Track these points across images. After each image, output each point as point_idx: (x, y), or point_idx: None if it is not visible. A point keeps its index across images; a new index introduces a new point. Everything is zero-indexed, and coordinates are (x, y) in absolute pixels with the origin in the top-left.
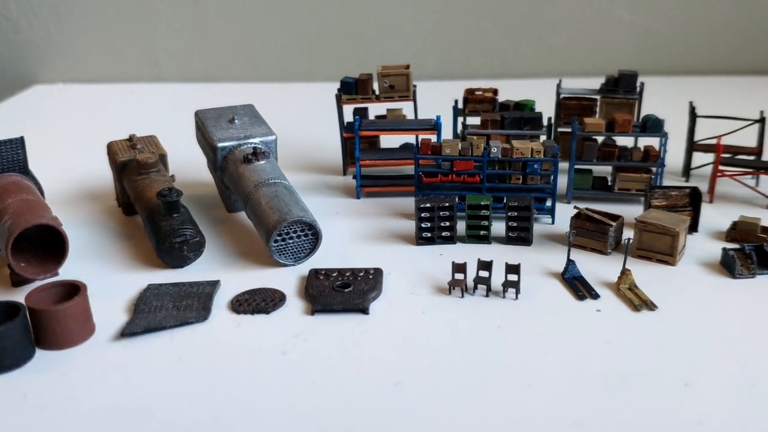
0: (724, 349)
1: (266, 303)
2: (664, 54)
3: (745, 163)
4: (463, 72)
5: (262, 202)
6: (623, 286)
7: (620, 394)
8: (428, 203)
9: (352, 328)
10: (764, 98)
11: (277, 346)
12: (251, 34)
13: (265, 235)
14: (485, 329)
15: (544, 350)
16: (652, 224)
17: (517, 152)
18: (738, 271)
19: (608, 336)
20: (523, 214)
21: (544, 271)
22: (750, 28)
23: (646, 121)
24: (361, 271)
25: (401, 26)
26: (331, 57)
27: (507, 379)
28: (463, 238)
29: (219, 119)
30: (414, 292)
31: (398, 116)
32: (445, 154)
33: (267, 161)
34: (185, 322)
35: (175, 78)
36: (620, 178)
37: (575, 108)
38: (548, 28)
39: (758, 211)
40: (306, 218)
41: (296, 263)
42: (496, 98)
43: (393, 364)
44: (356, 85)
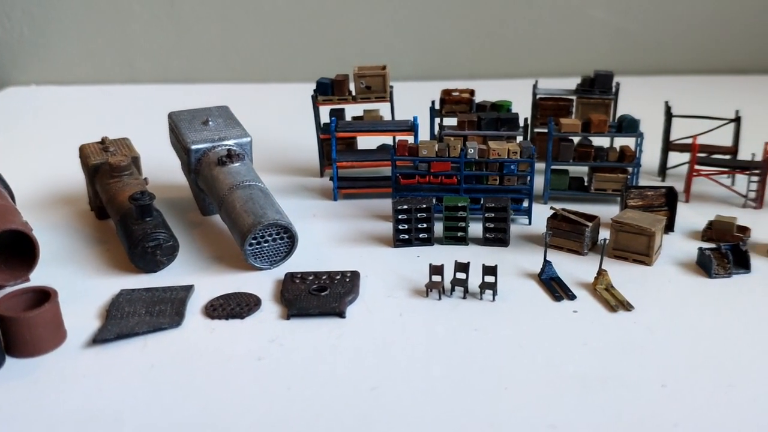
0: (701, 350)
1: (241, 308)
2: (639, 54)
3: (720, 163)
4: (440, 73)
5: (237, 205)
6: (600, 286)
7: (597, 396)
8: (405, 205)
9: (329, 332)
10: (739, 97)
11: (251, 352)
12: (227, 34)
13: (240, 239)
14: (462, 332)
15: (521, 352)
16: (628, 224)
17: (493, 153)
18: (714, 271)
19: (585, 337)
20: (499, 215)
21: (521, 272)
22: (724, 27)
23: (621, 122)
24: (337, 274)
25: (378, 27)
26: (307, 57)
27: (484, 382)
28: (440, 240)
29: (193, 121)
30: (391, 294)
31: (375, 117)
32: (422, 156)
33: (242, 163)
34: (158, 328)
35: (150, 79)
36: (596, 179)
37: (551, 108)
38: (525, 28)
39: (734, 211)
40: (281, 221)
41: (272, 267)
42: (473, 99)
43: (369, 368)
44: (332, 85)
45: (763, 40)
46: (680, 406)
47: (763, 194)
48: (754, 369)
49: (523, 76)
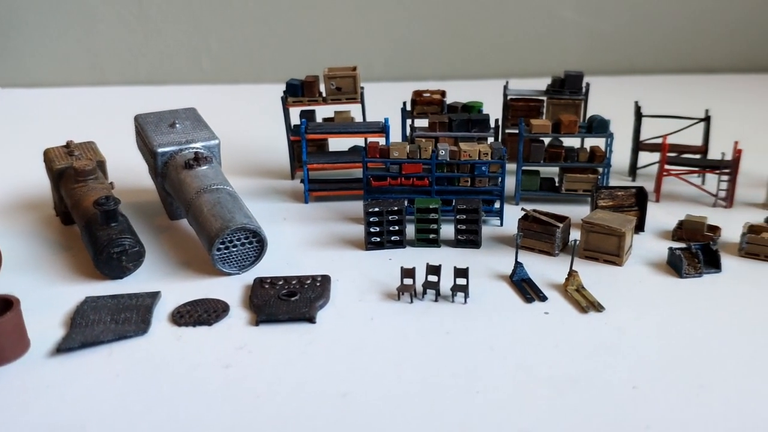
0: (672, 350)
1: (208, 314)
2: (610, 54)
3: (690, 162)
4: (411, 73)
5: (204, 209)
6: (570, 287)
7: (568, 399)
8: (377, 207)
9: (298, 338)
10: (709, 96)
11: (219, 360)
12: (196, 35)
13: (208, 244)
14: (434, 335)
15: (493, 355)
16: (598, 225)
17: (464, 155)
18: (685, 271)
19: (556, 339)
20: (471, 217)
21: (493, 274)
22: (694, 26)
23: (591, 122)
24: (308, 278)
25: (349, 27)
26: (277, 58)
27: (455, 386)
28: (412, 242)
29: (159, 124)
30: (362, 298)
31: (346, 118)
32: (393, 157)
33: (209, 166)
34: (124, 336)
35: (118, 81)
36: (567, 179)
37: (522, 109)
38: (496, 29)
39: (704, 210)
40: (250, 225)
41: (241, 272)
42: (444, 100)
43: (340, 374)
44: (302, 87)
45: (732, 39)
46: (651, 408)
47: (733, 193)
48: (724, 369)
49: (494, 77)
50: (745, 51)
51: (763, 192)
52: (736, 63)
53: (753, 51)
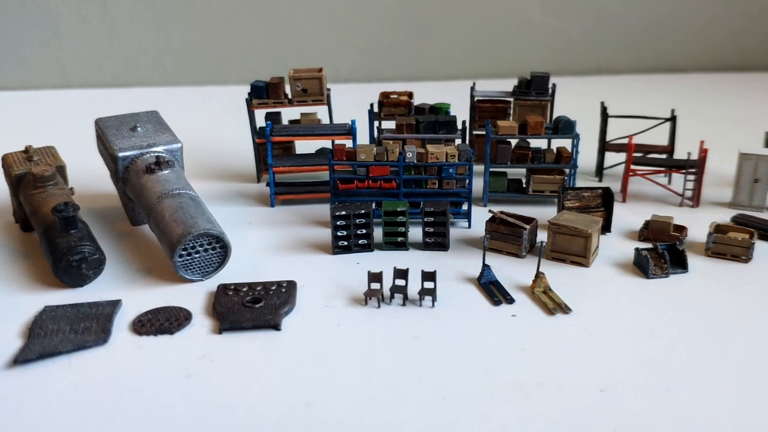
0: (639, 352)
1: (170, 323)
2: (576, 54)
3: (656, 162)
4: (380, 74)
5: (166, 214)
6: (538, 289)
7: (535, 403)
8: (343, 211)
9: (263, 346)
10: (676, 95)
11: (181, 369)
12: (160, 36)
13: (169, 250)
14: (401, 340)
15: (460, 360)
16: (564, 226)
17: (431, 157)
18: (651, 271)
19: (523, 342)
20: (439, 220)
21: (461, 277)
22: (659, 26)
23: (557, 123)
24: (273, 284)
25: (316, 28)
26: (244, 59)
27: (422, 393)
28: (380, 246)
29: (120, 127)
30: (329, 304)
31: (313, 121)
32: (360, 160)
33: (171, 170)
34: (83, 347)
35: (82, 84)
36: (534, 180)
37: (489, 111)
38: (464, 29)
39: (671, 210)
40: (212, 230)
41: (204, 278)
42: (412, 101)
43: (305, 383)
44: (267, 88)
45: (697, 38)
46: (619, 411)
47: (699, 193)
48: (691, 371)
49: (462, 78)
50: (711, 50)
51: (729, 191)
52: (702, 62)
53: (718, 50)
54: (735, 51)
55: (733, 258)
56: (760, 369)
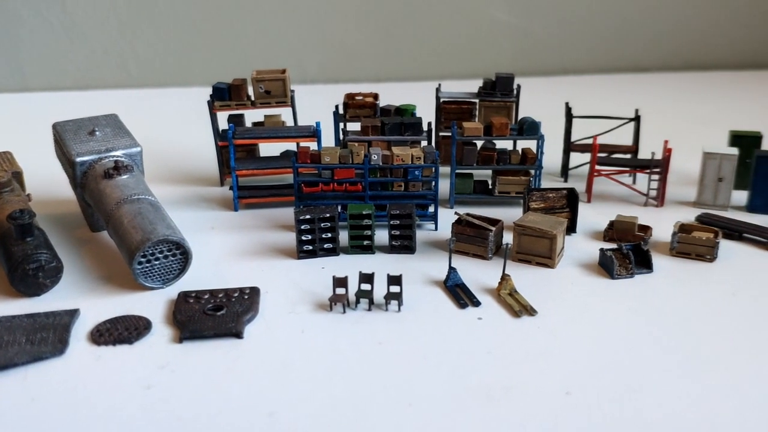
0: (604, 354)
1: (129, 332)
2: (542, 54)
3: (620, 162)
4: (346, 75)
5: (125, 220)
6: (504, 291)
7: (501, 408)
8: (308, 214)
9: (224, 355)
10: (641, 94)
11: (140, 380)
12: (122, 38)
13: (128, 257)
14: (366, 346)
15: (426, 365)
16: (529, 228)
17: (397, 159)
18: (616, 272)
19: (489, 345)
20: (405, 222)
21: (428, 280)
22: (623, 26)
23: (522, 124)
24: (235, 291)
25: (282, 29)
26: (211, 60)
27: (387, 399)
28: (346, 249)
29: (78, 132)
30: (293, 310)
31: (277, 123)
32: (324, 163)
33: (130, 175)
34: (40, 358)
35: (42, 87)
36: (500, 182)
37: (455, 112)
38: (429, 30)
39: (636, 210)
40: (172, 236)
41: (164, 286)
42: (377, 103)
43: (267, 392)
44: (229, 90)
45: (661, 38)
46: (585, 414)
47: (664, 192)
48: (657, 372)
49: (429, 79)
50: (675, 50)
51: (694, 190)
52: (666, 61)
53: (682, 49)
54: (699, 50)
55: (697, 257)
56: (726, 369)
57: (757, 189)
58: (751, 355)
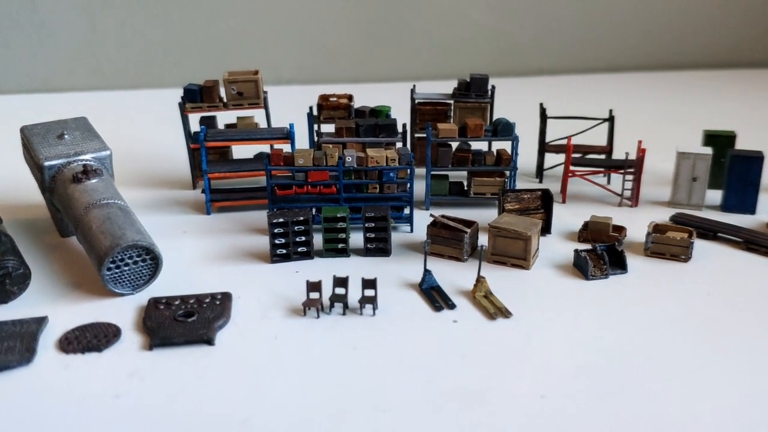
0: (579, 356)
1: (99, 340)
2: (517, 55)
3: (595, 163)
4: (322, 76)
5: (93, 225)
6: (479, 293)
7: (477, 412)
8: (281, 218)
9: (195, 362)
10: (616, 94)
11: (109, 389)
12: (93, 39)
13: (97, 263)
14: (341, 351)
15: (401, 369)
16: (504, 229)
17: (372, 161)
18: (591, 273)
19: (465, 348)
20: (380, 225)
21: (403, 283)
22: (597, 26)
23: (497, 125)
24: (206, 296)
25: (259, 30)
26: (184, 62)
27: (362, 405)
28: (320, 253)
29: (47, 135)
30: (266, 316)
31: (249, 125)
32: (298, 165)
33: (99, 179)
34: (6, 367)
35: (11, 89)
36: (475, 183)
37: (430, 113)
38: (406, 31)
39: (610, 210)
40: (142, 242)
41: (134, 292)
42: (351, 104)
43: (240, 400)
44: (201, 92)
45: (634, 38)
46: (560, 418)
47: (638, 192)
48: (632, 374)
49: (405, 79)
50: (649, 49)
51: (668, 190)
52: (641, 61)
53: (656, 49)
54: (673, 50)
55: (672, 257)
56: (702, 369)
57: (731, 188)
58: (727, 355)
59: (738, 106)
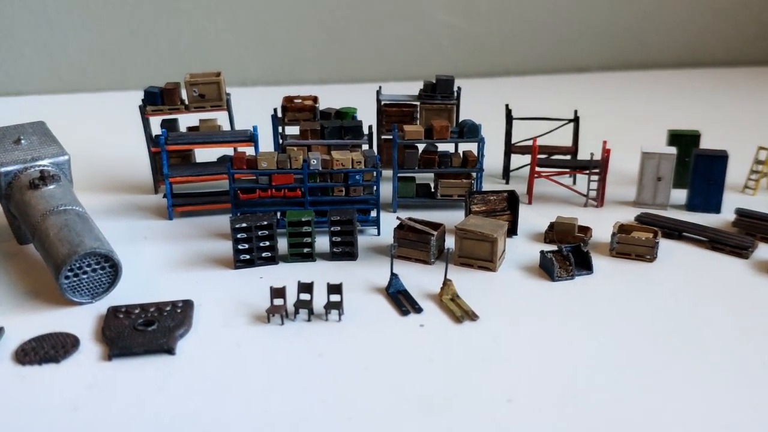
0: (544, 358)
1: (56, 350)
2: (483, 56)
3: (560, 163)
4: (288, 78)
5: (50, 233)
6: (445, 297)
7: (443, 418)
8: (244, 222)
9: (155, 372)
10: (582, 94)
11: (67, 401)
12: (53, 41)
13: (55, 271)
14: (305, 359)
15: (367, 376)
16: (471, 231)
17: (337, 163)
18: (556, 274)
19: (431, 353)
20: (346, 228)
21: (370, 287)
22: (563, 27)
23: (462, 127)
24: (167, 304)
25: (222, 31)
26: (147, 63)
27: (326, 414)
28: (285, 258)
29: (3, 140)
30: (228, 323)
31: (212, 127)
32: (261, 168)
33: (57, 185)
34: None
35: None
36: (442, 185)
37: (396, 115)
38: (372, 31)
39: (576, 211)
40: (100, 249)
41: (93, 300)
42: (317, 106)
43: (201, 410)
44: (162, 95)
45: (598, 38)
46: (526, 422)
47: (603, 193)
48: (597, 376)
49: (371, 81)
50: (613, 49)
51: (633, 190)
52: (605, 61)
53: (620, 49)
54: (637, 49)
55: (637, 258)
56: (668, 369)
57: (696, 187)
58: (693, 355)
59: (702, 106)
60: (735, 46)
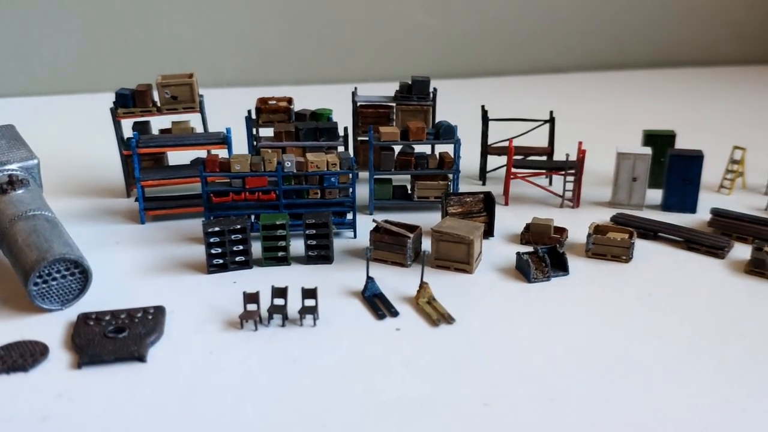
0: (521, 361)
1: (24, 359)
2: (460, 56)
3: (536, 164)
4: (263, 78)
5: (19, 238)
6: (422, 300)
7: (420, 423)
8: (217, 226)
9: (126, 380)
10: (558, 95)
11: (35, 411)
12: (23, 41)
13: (23, 278)
14: (279, 365)
15: (342, 382)
16: (447, 233)
17: (312, 166)
18: (533, 275)
19: (407, 357)
20: (321, 231)
21: (346, 291)
22: (539, 26)
23: (438, 128)
24: (138, 311)
25: (196, 31)
26: (120, 65)
27: (301, 421)
28: (260, 262)
29: None
30: (201, 330)
31: (185, 129)
32: (234, 171)
33: (26, 190)
34: None
35: None
36: (418, 186)
37: (372, 116)
38: (348, 32)
39: (552, 212)
40: (70, 255)
41: (63, 307)
42: (291, 108)
43: (173, 419)
44: (133, 97)
45: (573, 38)
46: (502, 426)
47: (579, 193)
48: (574, 378)
49: (347, 81)
50: (588, 50)
51: (609, 190)
52: (579, 62)
53: (595, 49)
54: (612, 50)
55: (613, 258)
56: (644, 371)
57: (671, 187)
58: (669, 356)
59: (677, 106)
60: (709, 46)
